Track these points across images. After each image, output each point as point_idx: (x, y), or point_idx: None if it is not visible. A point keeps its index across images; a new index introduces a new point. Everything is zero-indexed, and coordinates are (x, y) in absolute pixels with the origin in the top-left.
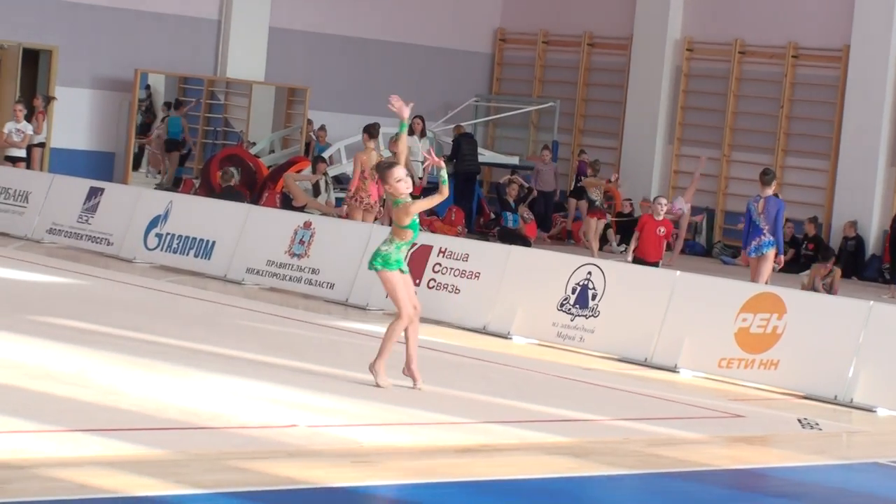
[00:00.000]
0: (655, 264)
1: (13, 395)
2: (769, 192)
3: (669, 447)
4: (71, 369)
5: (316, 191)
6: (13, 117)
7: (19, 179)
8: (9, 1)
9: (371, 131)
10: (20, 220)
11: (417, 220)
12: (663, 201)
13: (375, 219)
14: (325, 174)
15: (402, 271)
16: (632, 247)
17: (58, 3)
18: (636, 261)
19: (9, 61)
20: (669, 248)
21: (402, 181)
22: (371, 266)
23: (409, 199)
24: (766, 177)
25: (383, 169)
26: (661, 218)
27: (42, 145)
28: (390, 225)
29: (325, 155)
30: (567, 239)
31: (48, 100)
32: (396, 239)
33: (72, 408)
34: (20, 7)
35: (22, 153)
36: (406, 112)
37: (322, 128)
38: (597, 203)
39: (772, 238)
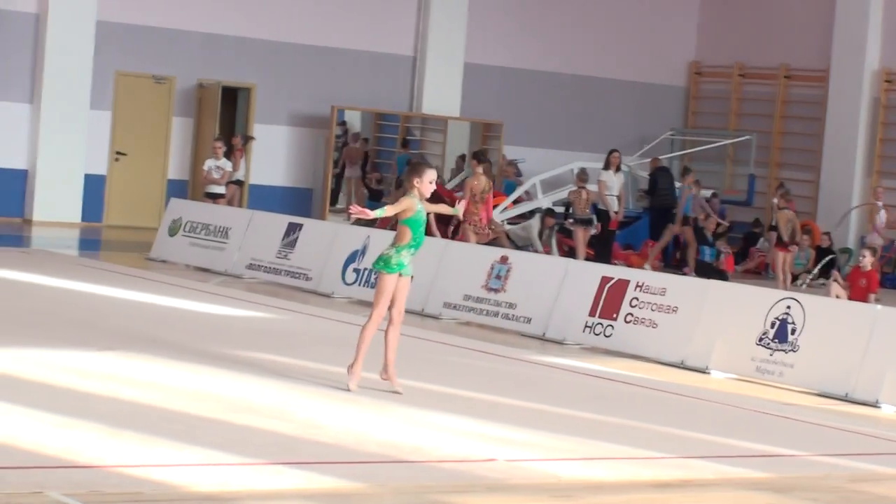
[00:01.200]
0: None
1: (217, 428)
2: None
3: (872, 483)
4: (272, 403)
5: (540, 234)
6: (213, 154)
7: (220, 216)
8: (209, 40)
9: (479, 157)
10: (220, 256)
11: (422, 222)
12: (867, 253)
13: (493, 240)
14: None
15: (401, 275)
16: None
17: (256, 41)
18: None
19: (209, 99)
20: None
21: (433, 183)
22: (373, 266)
23: (422, 203)
24: None
25: (422, 165)
26: (866, 270)
27: (240, 183)
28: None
29: (522, 190)
30: (766, 272)
31: (247, 139)
32: (397, 242)
33: (274, 441)
34: (220, 46)
35: (222, 189)
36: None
37: (511, 163)
38: (784, 236)
39: None
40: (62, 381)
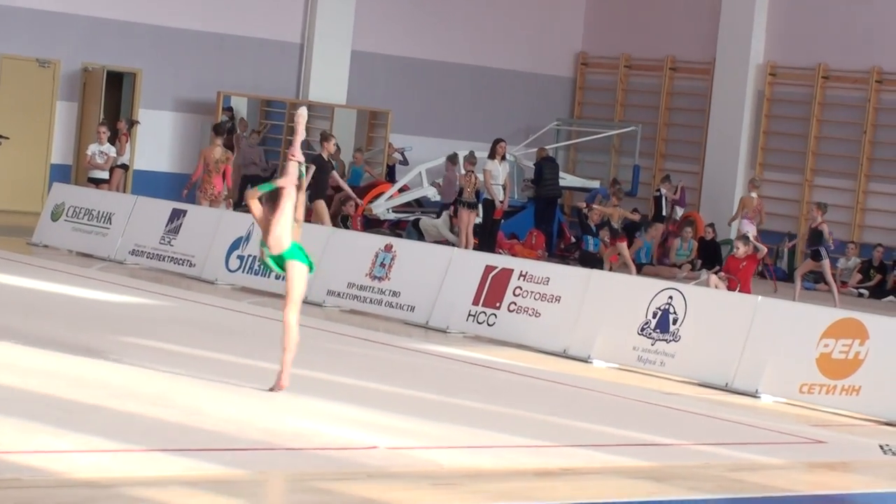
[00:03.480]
0: None
1: (97, 414)
2: None
3: (750, 472)
4: (154, 389)
5: (452, 228)
6: (97, 139)
7: (103, 201)
8: (93, 24)
9: (217, 129)
10: (103, 242)
11: None
12: (739, 244)
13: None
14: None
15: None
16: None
17: (142, 26)
18: None
19: (93, 84)
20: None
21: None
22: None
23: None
24: None
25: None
26: (741, 258)
27: (125, 167)
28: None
29: (408, 178)
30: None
31: (132, 123)
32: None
33: (155, 427)
34: (105, 30)
35: (105, 175)
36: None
37: (398, 151)
38: (617, 228)
39: None
40: None
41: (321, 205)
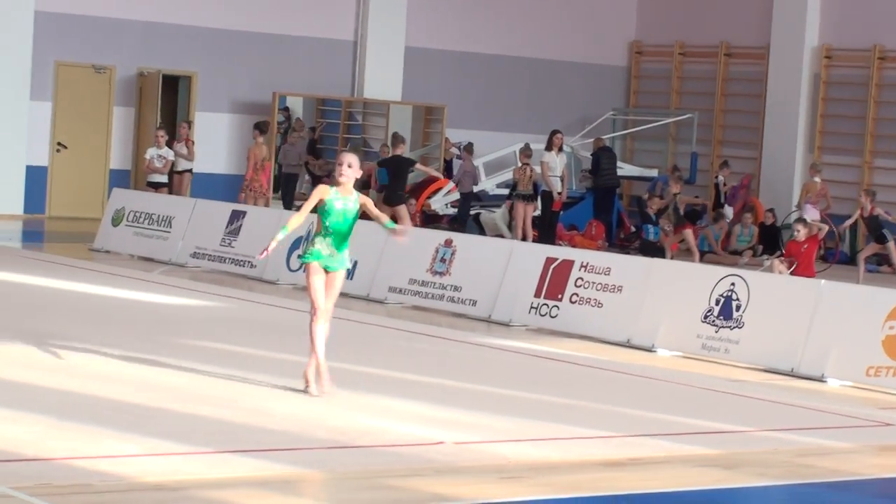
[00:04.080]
0: None
1: (164, 417)
2: None
3: (819, 457)
4: (219, 391)
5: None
6: (155, 143)
7: (163, 205)
8: (148, 28)
9: (261, 128)
10: (164, 245)
11: (334, 211)
12: (800, 227)
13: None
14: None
15: (326, 270)
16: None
17: (196, 29)
18: None
19: (149, 88)
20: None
21: (352, 166)
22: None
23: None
24: None
25: (341, 153)
26: (800, 240)
27: (190, 171)
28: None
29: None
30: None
31: (188, 124)
32: (313, 230)
33: (221, 429)
34: (159, 34)
35: (164, 178)
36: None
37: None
38: (682, 216)
39: None
40: (6, 374)
41: (403, 209)
